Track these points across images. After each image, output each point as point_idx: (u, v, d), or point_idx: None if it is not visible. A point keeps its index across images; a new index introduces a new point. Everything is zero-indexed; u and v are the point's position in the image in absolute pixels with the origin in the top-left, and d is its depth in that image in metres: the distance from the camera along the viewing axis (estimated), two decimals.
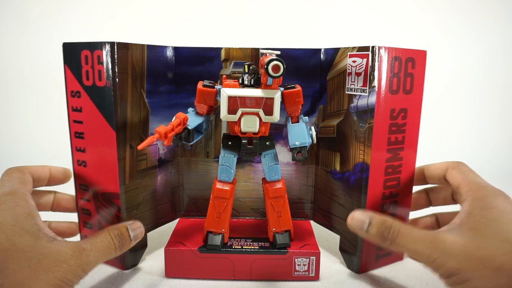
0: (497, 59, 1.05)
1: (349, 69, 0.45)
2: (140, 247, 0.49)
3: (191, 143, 0.43)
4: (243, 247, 0.45)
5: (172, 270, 0.45)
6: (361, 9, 1.02)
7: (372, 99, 0.42)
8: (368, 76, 0.42)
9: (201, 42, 0.54)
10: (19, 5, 1.01)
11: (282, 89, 0.42)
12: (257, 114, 0.41)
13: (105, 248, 0.36)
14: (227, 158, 0.44)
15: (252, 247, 0.45)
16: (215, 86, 0.42)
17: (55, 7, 1.01)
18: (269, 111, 0.41)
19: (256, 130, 0.41)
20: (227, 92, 0.40)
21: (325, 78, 0.50)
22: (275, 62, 0.36)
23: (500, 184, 0.39)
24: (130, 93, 0.45)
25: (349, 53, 0.45)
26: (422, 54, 0.44)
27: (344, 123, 0.48)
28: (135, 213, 0.47)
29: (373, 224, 0.36)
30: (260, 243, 0.46)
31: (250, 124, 0.41)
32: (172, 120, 0.39)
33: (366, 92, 0.43)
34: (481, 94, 1.07)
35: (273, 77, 0.37)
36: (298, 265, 0.45)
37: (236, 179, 0.46)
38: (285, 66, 0.36)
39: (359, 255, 0.46)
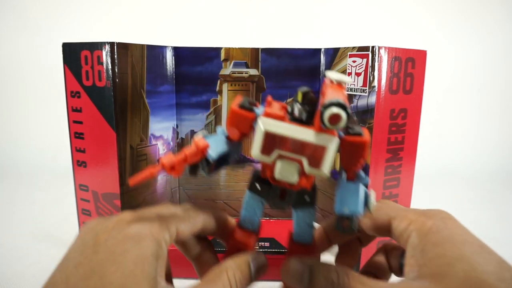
0: (497, 59, 1.06)
1: (349, 69, 0.45)
2: None
3: (211, 174, 0.31)
4: None
5: (172, 270, 0.45)
6: (361, 9, 1.02)
7: (372, 99, 0.42)
8: (368, 76, 0.42)
9: (201, 42, 0.54)
10: (19, 4, 1.01)
11: (342, 134, 0.29)
12: (299, 162, 0.28)
13: None
14: (252, 205, 0.34)
15: None
16: (255, 109, 0.30)
17: (55, 7, 1.01)
18: (316, 163, 0.28)
19: (294, 181, 0.29)
20: (264, 125, 0.28)
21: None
22: (335, 110, 0.25)
23: (500, 184, 0.39)
24: (130, 93, 0.45)
25: (349, 53, 0.45)
26: (422, 54, 0.44)
27: None
28: None
29: (319, 273, 0.28)
30: (260, 243, 0.46)
31: (286, 173, 0.29)
32: (188, 147, 0.28)
33: (366, 92, 0.43)
34: (481, 94, 1.07)
35: (329, 128, 0.26)
36: None
37: (261, 224, 0.34)
38: (349, 114, 0.25)
39: (359, 255, 0.46)
